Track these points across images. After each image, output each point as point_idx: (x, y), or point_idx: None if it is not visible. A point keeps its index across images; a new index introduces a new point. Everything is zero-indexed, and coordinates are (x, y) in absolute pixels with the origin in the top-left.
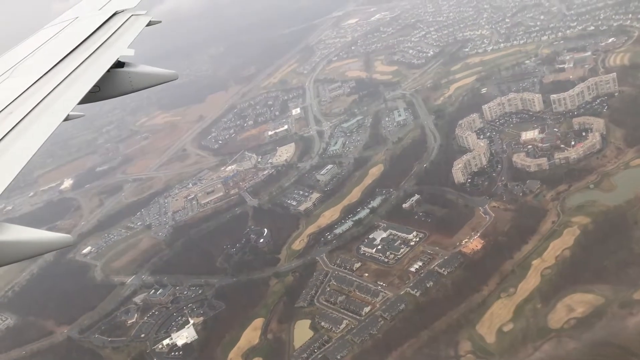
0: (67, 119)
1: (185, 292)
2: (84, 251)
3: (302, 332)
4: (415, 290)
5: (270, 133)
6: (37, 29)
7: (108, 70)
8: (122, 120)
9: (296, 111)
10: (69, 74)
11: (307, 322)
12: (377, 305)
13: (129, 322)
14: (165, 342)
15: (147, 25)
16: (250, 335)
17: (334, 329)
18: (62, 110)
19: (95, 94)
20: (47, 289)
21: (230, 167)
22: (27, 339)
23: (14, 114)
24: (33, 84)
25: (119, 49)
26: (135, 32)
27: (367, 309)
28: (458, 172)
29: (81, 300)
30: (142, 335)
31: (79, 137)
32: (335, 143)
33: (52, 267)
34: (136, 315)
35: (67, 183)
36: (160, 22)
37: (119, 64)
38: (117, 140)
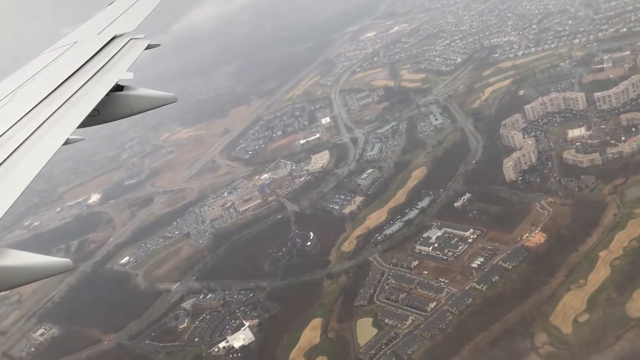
0: (66, 142)
1: (236, 296)
2: (122, 261)
3: (365, 330)
4: (482, 285)
5: (302, 142)
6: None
7: (107, 94)
8: (144, 137)
9: (326, 120)
10: (69, 98)
11: (369, 320)
12: (443, 301)
13: (180, 327)
14: (222, 345)
15: (146, 48)
16: (310, 335)
17: (399, 325)
18: (61, 134)
19: (95, 118)
20: (89, 299)
21: (265, 175)
22: (75, 348)
23: (13, 139)
24: (33, 108)
25: (118, 73)
26: (134, 55)
27: (432, 305)
28: (509, 170)
29: (126, 308)
30: (196, 340)
31: (101, 154)
32: (372, 148)
33: (91, 278)
34: (187, 320)
35: (95, 197)
36: (159, 45)
37: (118, 88)
38: (142, 155)
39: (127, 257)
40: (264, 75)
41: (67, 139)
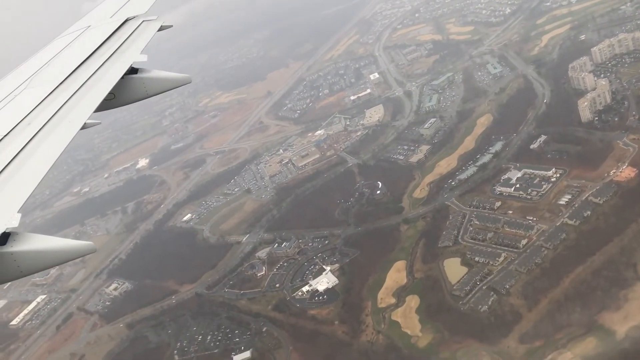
0: (84, 127)
1: (311, 244)
2: (185, 218)
3: (454, 268)
4: (574, 220)
5: (352, 98)
6: (65, 30)
7: (122, 77)
8: (183, 103)
9: (374, 76)
10: (84, 83)
11: (457, 259)
12: (534, 237)
13: (258, 274)
14: (305, 289)
15: (159, 30)
16: (396, 276)
17: (491, 262)
18: (79, 119)
19: (111, 101)
20: (157, 254)
21: (319, 132)
22: (152, 300)
23: (32, 125)
24: (50, 94)
25: (132, 56)
26: (147, 37)
27: (524, 242)
28: (585, 110)
29: (198, 260)
30: (277, 285)
31: (141, 122)
32: (430, 99)
33: (155, 235)
34: (264, 268)
35: (143, 162)
36: (171, 26)
37: (132, 70)
38: (184, 120)
39: (189, 215)
40: (297, 39)
41: (85, 123)
